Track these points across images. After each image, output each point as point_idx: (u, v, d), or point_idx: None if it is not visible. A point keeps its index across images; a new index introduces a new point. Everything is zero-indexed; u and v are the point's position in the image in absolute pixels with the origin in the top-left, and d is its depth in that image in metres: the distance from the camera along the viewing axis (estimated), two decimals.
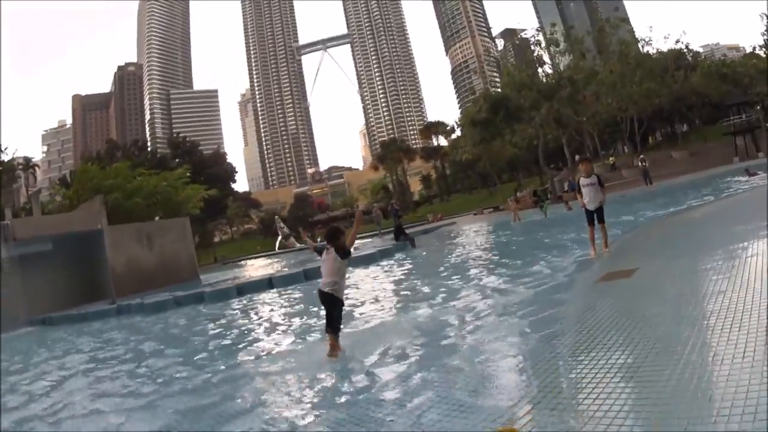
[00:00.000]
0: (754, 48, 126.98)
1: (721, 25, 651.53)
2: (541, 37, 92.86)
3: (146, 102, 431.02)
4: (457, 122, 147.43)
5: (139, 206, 48.45)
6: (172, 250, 41.89)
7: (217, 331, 16.98)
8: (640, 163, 67.62)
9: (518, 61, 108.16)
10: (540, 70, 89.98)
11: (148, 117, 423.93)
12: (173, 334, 17.95)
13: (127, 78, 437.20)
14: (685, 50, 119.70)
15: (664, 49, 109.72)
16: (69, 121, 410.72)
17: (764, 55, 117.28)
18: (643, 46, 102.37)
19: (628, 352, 6.81)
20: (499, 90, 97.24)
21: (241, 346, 13.86)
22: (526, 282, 14.30)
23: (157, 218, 50.27)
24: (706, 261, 11.14)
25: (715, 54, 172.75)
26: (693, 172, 67.49)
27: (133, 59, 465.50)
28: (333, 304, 10.58)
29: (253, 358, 12.11)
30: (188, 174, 61.57)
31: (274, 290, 25.30)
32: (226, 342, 14.81)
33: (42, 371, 14.75)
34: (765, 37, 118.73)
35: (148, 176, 54.15)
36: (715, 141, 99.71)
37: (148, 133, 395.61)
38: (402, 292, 18.00)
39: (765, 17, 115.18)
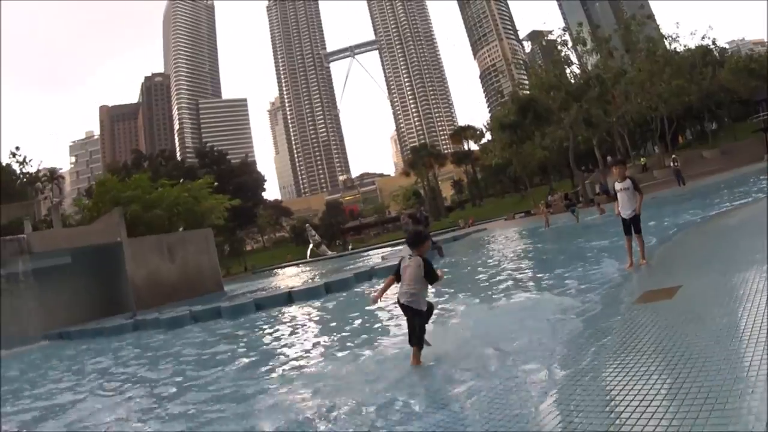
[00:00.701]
0: None
1: (745, 20, 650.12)
2: (567, 37, 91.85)
3: (175, 112, 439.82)
4: (485, 126, 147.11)
5: (159, 218, 47.94)
6: (194, 261, 41.52)
7: (230, 351, 16.02)
8: (672, 164, 66.94)
9: (546, 62, 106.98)
10: (568, 70, 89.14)
11: (177, 127, 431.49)
12: (186, 353, 17.00)
13: (154, 88, 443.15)
14: (712, 46, 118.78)
15: (692, 45, 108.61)
16: (97, 132, 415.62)
17: None
18: (670, 43, 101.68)
19: (675, 407, 5.50)
20: (528, 92, 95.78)
21: (256, 368, 13.00)
22: (555, 302, 12.98)
23: (181, 229, 49.86)
24: (757, 278, 9.79)
25: (741, 49, 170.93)
26: (725, 171, 66.54)
27: (160, 69, 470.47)
28: (411, 315, 9.94)
29: (267, 381, 11.24)
30: (214, 183, 61.02)
31: (294, 305, 24.43)
32: (240, 364, 13.82)
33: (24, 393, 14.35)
34: None
35: (170, 187, 53.52)
36: (745, 138, 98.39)
37: (177, 143, 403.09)
38: (393, 317, 16.25)
39: None
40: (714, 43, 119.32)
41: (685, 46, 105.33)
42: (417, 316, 9.88)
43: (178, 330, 23.17)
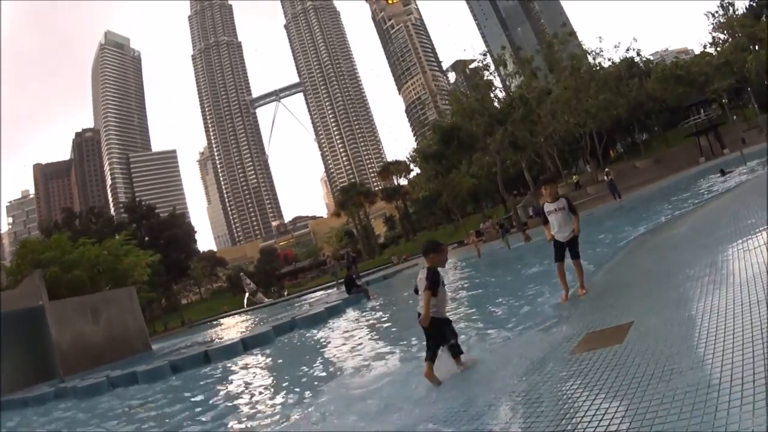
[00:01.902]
0: (705, 46, 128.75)
1: (667, 31, 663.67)
2: (489, 60, 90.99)
3: (106, 167, 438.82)
4: (408, 158, 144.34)
5: (80, 278, 45.98)
6: (120, 322, 39.71)
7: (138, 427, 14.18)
8: (605, 177, 66.09)
9: (469, 89, 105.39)
10: (491, 94, 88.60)
11: (109, 182, 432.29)
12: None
13: (85, 144, 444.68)
14: (637, 57, 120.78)
15: (616, 58, 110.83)
16: (32, 191, 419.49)
17: (715, 53, 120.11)
18: (594, 58, 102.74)
19: None
20: (450, 120, 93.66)
21: None
22: (474, 353, 10.55)
23: (108, 289, 48.03)
24: (723, 306, 7.42)
25: (666, 60, 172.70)
26: (660, 179, 67.70)
27: (90, 125, 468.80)
28: (436, 326, 9.41)
29: None
30: (137, 238, 59.30)
31: (212, 365, 22.68)
32: None
33: None
34: (713, 35, 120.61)
35: (91, 245, 51.52)
36: (678, 144, 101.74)
37: (110, 199, 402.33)
38: (320, 372, 15.20)
39: (711, 15, 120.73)
40: (639, 54, 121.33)
41: (609, 59, 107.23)
42: (436, 325, 9.39)
43: (95, 399, 21.23)
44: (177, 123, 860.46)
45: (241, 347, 24.38)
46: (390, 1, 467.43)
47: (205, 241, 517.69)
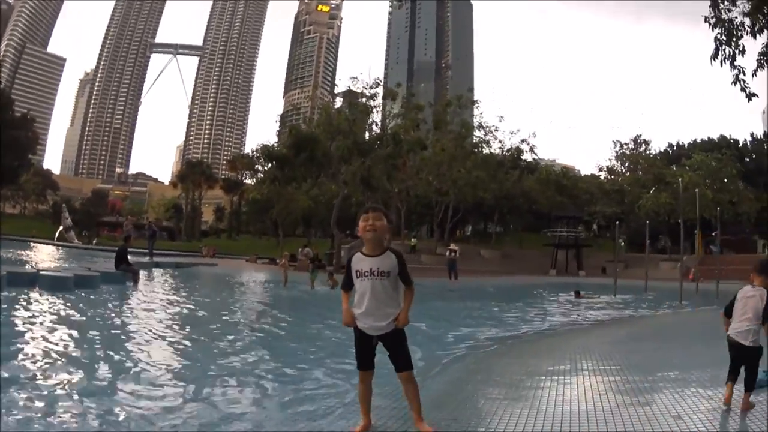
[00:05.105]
0: (601, 168, 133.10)
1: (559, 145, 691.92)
2: (379, 90, 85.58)
3: (3, 47, 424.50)
4: (252, 152, 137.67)
5: None
6: None
7: None
8: (447, 253, 58.31)
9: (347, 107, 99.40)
10: (366, 122, 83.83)
11: None
12: None
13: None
14: (528, 152, 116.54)
15: (508, 144, 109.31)
16: None
17: (606, 178, 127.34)
18: (486, 133, 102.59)
19: None
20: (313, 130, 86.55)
21: None
22: None
23: None
24: None
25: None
26: (504, 274, 66.67)
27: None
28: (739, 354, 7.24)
29: None
30: None
31: None
32: None
33: None
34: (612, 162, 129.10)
35: None
36: (531, 248, 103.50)
37: None
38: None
39: (619, 144, 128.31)
40: (532, 149, 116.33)
41: (500, 141, 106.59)
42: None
43: None
44: (79, 33, 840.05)
45: None
46: (319, 8, 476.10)
47: (53, 160, 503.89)
